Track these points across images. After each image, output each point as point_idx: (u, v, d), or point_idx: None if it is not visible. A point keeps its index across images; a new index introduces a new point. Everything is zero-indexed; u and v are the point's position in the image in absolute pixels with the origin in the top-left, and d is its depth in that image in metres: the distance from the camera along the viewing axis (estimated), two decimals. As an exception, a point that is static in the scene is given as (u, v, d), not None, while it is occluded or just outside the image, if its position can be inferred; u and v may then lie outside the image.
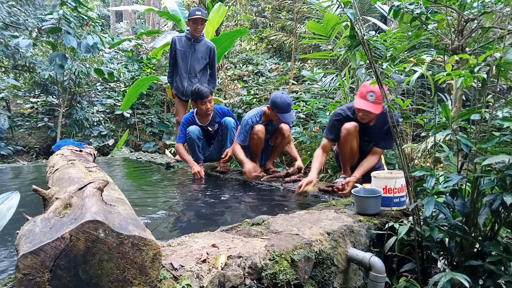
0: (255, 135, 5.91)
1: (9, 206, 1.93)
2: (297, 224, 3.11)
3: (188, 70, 7.64)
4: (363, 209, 3.50)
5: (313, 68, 13.76)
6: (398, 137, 3.17)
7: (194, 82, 7.56)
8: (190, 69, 7.63)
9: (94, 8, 18.52)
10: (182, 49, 7.62)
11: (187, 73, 7.67)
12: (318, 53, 9.88)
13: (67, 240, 1.62)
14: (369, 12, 15.13)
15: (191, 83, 7.59)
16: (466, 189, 3.06)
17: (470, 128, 3.38)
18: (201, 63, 7.62)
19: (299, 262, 2.50)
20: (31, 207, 4.17)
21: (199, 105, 6.28)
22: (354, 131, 4.79)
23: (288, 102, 5.62)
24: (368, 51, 3.21)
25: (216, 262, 2.18)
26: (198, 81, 7.58)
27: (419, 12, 3.77)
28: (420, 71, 3.95)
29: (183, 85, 7.71)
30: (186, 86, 7.67)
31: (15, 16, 12.20)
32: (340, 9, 3.58)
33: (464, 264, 2.85)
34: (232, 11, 19.96)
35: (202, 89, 6.18)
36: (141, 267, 1.78)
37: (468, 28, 4.64)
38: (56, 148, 5.77)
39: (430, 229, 2.88)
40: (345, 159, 5.17)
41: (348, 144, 4.90)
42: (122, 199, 2.43)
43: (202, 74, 7.73)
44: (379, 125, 4.60)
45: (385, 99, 3.24)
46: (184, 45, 7.60)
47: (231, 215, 4.10)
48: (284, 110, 5.64)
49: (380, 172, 4.01)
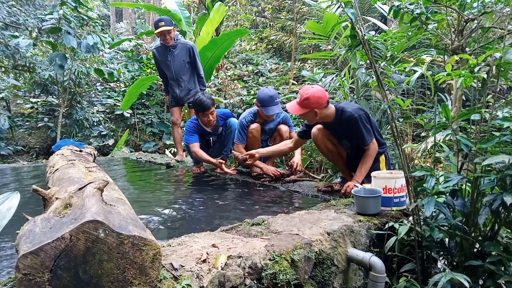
0: (250, 134, 5.97)
1: (9, 207, 1.93)
2: (297, 224, 3.11)
3: (175, 77, 7.66)
4: (363, 209, 3.50)
5: (313, 68, 13.74)
6: (398, 137, 3.17)
7: (184, 86, 7.63)
8: (176, 75, 7.64)
9: (94, 8, 18.52)
10: (162, 59, 7.64)
11: (175, 80, 7.69)
12: (318, 53, 9.87)
13: (67, 240, 1.62)
14: (369, 12, 15.13)
15: (182, 88, 7.65)
16: (466, 189, 3.06)
17: (470, 128, 3.39)
18: (184, 66, 7.61)
19: (299, 262, 2.50)
20: (31, 207, 4.18)
21: (201, 117, 6.23)
22: (318, 133, 4.88)
23: (270, 95, 5.64)
24: (368, 51, 3.21)
25: (216, 262, 2.18)
26: (187, 83, 7.63)
27: (419, 12, 3.77)
28: (420, 71, 3.95)
29: (176, 92, 7.73)
30: (178, 93, 7.71)
31: (15, 16, 12.20)
32: (340, 9, 3.58)
33: (464, 264, 2.86)
34: (232, 11, 19.94)
35: (203, 101, 6.04)
36: (141, 267, 1.78)
37: (468, 28, 4.64)
38: (56, 148, 5.77)
39: (430, 229, 2.88)
40: (332, 159, 5.27)
41: (320, 145, 5.00)
42: (122, 199, 2.43)
43: (190, 76, 7.75)
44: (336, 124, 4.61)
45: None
46: (163, 55, 7.61)
47: (231, 215, 4.10)
48: (265, 103, 5.66)
49: (380, 172, 4.01)
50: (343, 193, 4.52)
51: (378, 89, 4.16)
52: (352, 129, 4.44)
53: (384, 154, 4.80)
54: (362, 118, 4.40)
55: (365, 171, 4.49)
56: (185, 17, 10.83)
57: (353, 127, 4.41)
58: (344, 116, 4.44)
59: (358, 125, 4.38)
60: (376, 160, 4.66)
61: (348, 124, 4.43)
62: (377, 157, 4.64)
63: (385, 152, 4.82)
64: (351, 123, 4.41)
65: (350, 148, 4.78)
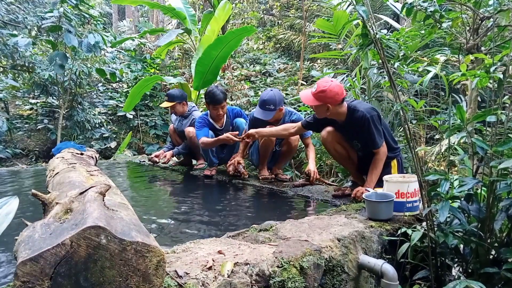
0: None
1: (7, 212, 1.93)
2: (306, 230, 3.11)
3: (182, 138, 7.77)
4: (375, 214, 3.50)
5: (323, 68, 13.69)
6: (411, 140, 3.16)
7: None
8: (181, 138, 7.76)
9: (95, 5, 18.55)
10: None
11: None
12: (328, 53, 9.86)
13: (68, 247, 1.62)
14: (381, 10, 15.12)
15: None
16: (481, 194, 3.05)
17: (485, 130, 3.37)
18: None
19: (308, 270, 2.50)
20: (31, 212, 4.19)
21: (211, 109, 6.29)
22: (327, 136, 4.83)
23: (263, 99, 5.53)
24: (380, 50, 3.21)
25: (222, 270, 2.19)
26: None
27: (433, 10, 3.77)
28: (434, 71, 3.95)
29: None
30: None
31: (13, 14, 12.18)
32: (351, 7, 3.59)
33: (479, 272, 2.85)
34: (238, 9, 19.95)
35: (216, 94, 6.11)
36: (145, 275, 1.78)
37: (484, 26, 4.63)
38: (56, 151, 5.78)
39: (444, 235, 2.88)
40: (340, 161, 5.23)
41: (330, 149, 4.95)
42: (124, 204, 2.44)
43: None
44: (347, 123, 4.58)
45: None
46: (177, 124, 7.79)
47: (238, 221, 4.10)
48: (259, 103, 5.61)
49: (393, 176, 4.00)
50: (354, 198, 4.52)
51: (391, 89, 4.16)
52: (363, 130, 4.42)
53: (396, 159, 4.77)
54: (374, 119, 4.38)
55: (375, 177, 4.47)
56: (190, 15, 10.86)
57: (364, 127, 4.40)
58: (356, 115, 4.42)
59: (370, 126, 4.36)
60: (387, 165, 4.64)
61: (359, 124, 4.42)
62: (388, 162, 4.62)
63: (397, 157, 4.78)
64: (362, 123, 4.39)
65: (361, 150, 4.74)
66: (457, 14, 4.04)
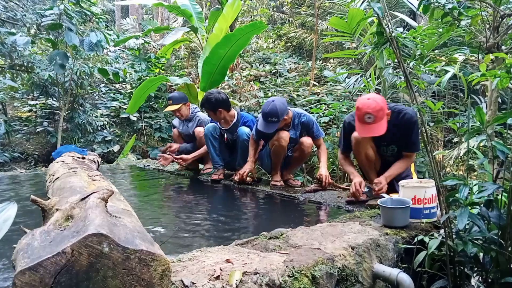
0: (277, 141, 5.73)
1: (5, 218, 1.94)
2: (318, 238, 3.11)
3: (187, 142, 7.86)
4: (390, 221, 3.49)
5: (336, 68, 13.67)
6: (428, 143, 3.16)
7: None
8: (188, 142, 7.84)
9: (98, 2, 18.60)
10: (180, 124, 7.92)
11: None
12: (342, 52, 9.88)
13: (69, 255, 1.62)
14: (397, 7, 15.11)
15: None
16: (502, 200, 3.05)
17: (506, 133, 3.37)
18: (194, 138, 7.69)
19: (320, 279, 2.50)
20: (30, 219, 4.20)
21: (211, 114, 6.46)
22: (363, 138, 4.71)
23: (265, 112, 5.49)
24: (396, 49, 3.21)
25: (230, 279, 2.19)
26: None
27: (451, 7, 3.76)
28: (452, 71, 3.94)
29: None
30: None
31: (12, 11, 12.19)
32: (366, 4, 3.59)
33: (500, 281, 2.84)
34: (248, 6, 19.93)
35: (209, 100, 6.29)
36: (149, 284, 1.78)
37: (504, 24, 4.62)
38: (56, 155, 5.82)
39: (463, 243, 2.87)
40: (365, 168, 5.05)
41: (361, 153, 4.81)
42: (128, 210, 2.44)
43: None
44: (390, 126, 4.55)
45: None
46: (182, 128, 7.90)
47: (247, 228, 4.11)
48: (261, 116, 5.60)
49: (409, 181, 3.99)
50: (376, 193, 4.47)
51: (407, 90, 4.15)
52: (408, 132, 4.43)
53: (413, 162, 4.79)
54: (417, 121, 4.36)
55: (397, 172, 4.47)
56: (197, 13, 10.86)
57: (409, 130, 4.38)
58: (404, 118, 4.41)
59: (415, 128, 4.35)
60: (408, 170, 4.66)
61: (405, 127, 4.41)
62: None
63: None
64: (409, 126, 4.37)
65: (395, 156, 4.72)
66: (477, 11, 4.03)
